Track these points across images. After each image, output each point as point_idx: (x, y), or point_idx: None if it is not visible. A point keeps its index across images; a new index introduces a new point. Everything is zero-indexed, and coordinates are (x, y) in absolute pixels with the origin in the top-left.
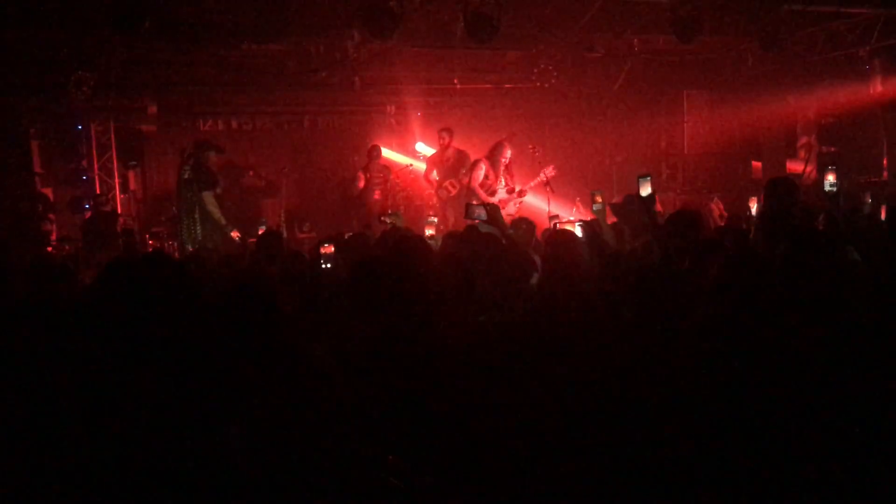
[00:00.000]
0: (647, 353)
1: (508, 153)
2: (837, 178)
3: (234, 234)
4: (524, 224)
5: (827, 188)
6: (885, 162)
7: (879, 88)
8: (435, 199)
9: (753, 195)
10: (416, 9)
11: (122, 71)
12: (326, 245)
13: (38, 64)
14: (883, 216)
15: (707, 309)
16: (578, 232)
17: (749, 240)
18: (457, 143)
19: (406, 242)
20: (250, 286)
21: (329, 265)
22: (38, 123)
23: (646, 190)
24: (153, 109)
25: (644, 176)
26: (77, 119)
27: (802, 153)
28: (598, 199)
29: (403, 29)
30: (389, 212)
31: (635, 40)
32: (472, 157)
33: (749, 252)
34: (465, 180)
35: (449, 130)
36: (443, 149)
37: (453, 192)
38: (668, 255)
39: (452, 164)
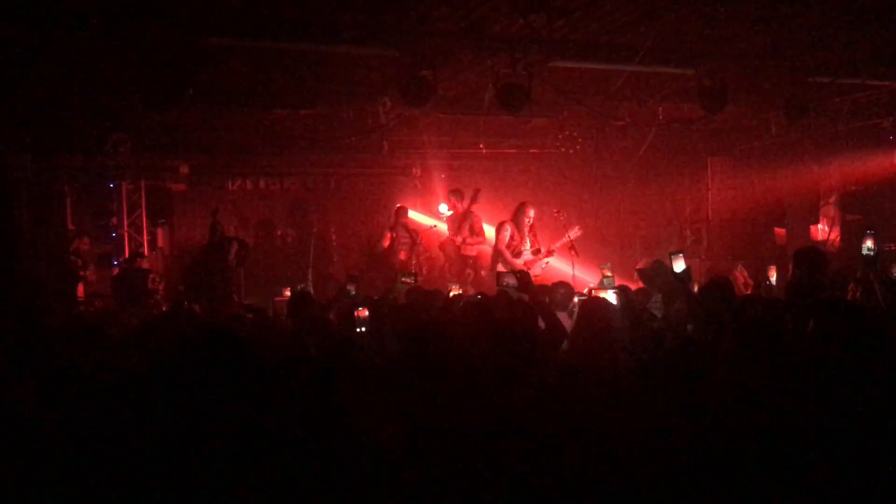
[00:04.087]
0: (674, 424)
1: (531, 213)
2: (876, 244)
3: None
4: (562, 288)
5: (865, 252)
6: None
7: None
8: (442, 260)
9: (773, 264)
10: (447, 77)
11: (156, 133)
12: (361, 309)
13: (75, 126)
14: None
15: (726, 378)
16: (612, 299)
17: (780, 310)
18: (480, 206)
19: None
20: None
21: (364, 329)
22: (72, 182)
23: (679, 266)
24: (185, 170)
25: (676, 252)
26: (109, 178)
27: (826, 220)
28: (608, 272)
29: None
30: (413, 272)
31: (660, 108)
32: (496, 220)
33: (776, 323)
34: (458, 239)
35: (457, 192)
36: (454, 210)
37: (452, 253)
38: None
39: (457, 223)
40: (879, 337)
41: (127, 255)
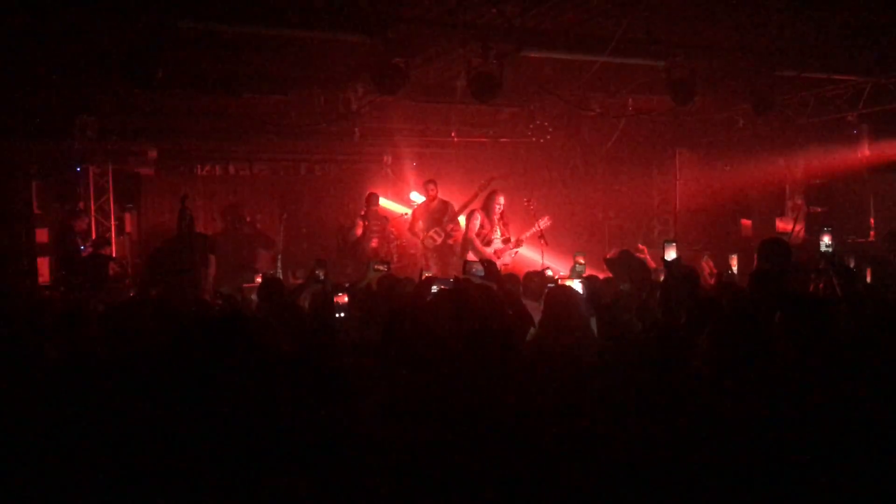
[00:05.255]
0: (639, 413)
1: (502, 201)
2: (833, 240)
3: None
4: (536, 278)
5: (823, 248)
6: (871, 223)
7: (867, 152)
8: (421, 249)
9: (735, 253)
10: (419, 65)
11: (124, 116)
12: (340, 294)
13: (42, 107)
14: (868, 278)
15: (702, 369)
16: (578, 287)
17: (745, 300)
18: (451, 195)
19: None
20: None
21: (342, 315)
22: (37, 165)
23: (671, 255)
24: (153, 154)
25: (670, 241)
26: (76, 161)
27: (791, 213)
28: (581, 260)
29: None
30: (386, 260)
31: (630, 100)
32: (468, 208)
33: (745, 313)
34: (449, 227)
35: (434, 182)
36: (430, 200)
37: (438, 240)
38: (671, 312)
39: (437, 214)
40: (839, 328)
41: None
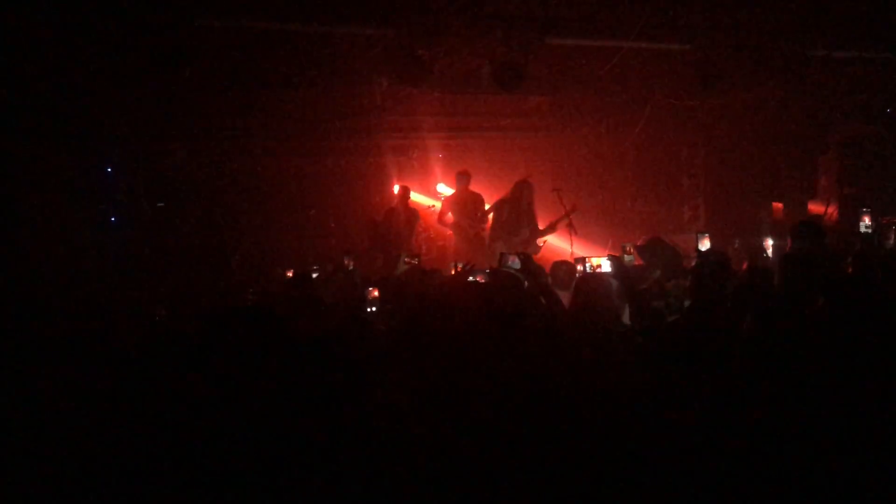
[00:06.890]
0: (669, 402)
1: (530, 191)
2: (873, 220)
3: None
4: (563, 266)
5: (862, 230)
6: None
7: None
8: (453, 240)
9: (768, 236)
10: (443, 56)
11: (151, 114)
12: (372, 289)
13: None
14: None
15: (743, 359)
16: (607, 265)
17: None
18: (478, 185)
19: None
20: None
21: (374, 309)
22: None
23: (705, 244)
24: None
25: (703, 233)
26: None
27: (824, 194)
28: (631, 250)
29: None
30: (416, 252)
31: (656, 84)
32: (494, 199)
33: (780, 300)
34: (482, 222)
35: (467, 173)
36: (461, 191)
37: (471, 232)
38: (702, 300)
39: (469, 206)
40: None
41: None
